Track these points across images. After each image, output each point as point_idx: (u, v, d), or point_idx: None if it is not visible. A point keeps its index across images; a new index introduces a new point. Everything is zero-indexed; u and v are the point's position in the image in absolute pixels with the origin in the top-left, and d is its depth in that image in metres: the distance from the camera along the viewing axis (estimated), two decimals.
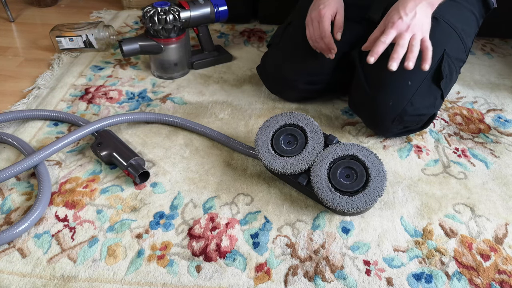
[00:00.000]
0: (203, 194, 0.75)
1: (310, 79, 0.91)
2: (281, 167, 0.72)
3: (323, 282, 0.61)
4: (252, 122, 0.93)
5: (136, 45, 1.00)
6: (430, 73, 0.79)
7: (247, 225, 0.69)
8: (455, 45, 0.83)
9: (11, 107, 0.96)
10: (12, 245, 0.65)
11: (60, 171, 0.78)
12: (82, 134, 0.79)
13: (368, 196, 0.66)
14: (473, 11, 0.86)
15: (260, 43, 1.26)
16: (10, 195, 0.73)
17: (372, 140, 0.88)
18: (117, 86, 1.03)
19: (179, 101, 0.99)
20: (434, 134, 0.90)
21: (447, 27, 0.81)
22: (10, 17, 1.37)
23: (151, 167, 0.80)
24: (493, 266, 0.64)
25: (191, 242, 0.66)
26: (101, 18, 1.41)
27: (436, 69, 0.80)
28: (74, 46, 1.16)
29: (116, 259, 0.63)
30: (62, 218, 0.69)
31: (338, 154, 0.70)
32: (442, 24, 0.81)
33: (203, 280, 0.61)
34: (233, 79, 1.08)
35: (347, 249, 0.66)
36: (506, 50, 1.25)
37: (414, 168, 0.81)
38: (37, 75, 1.07)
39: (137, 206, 0.72)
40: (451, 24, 0.82)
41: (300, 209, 0.73)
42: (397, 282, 0.61)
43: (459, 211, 0.73)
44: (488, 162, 0.83)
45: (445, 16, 0.81)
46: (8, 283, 0.59)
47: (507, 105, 1.00)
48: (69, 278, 0.61)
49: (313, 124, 0.74)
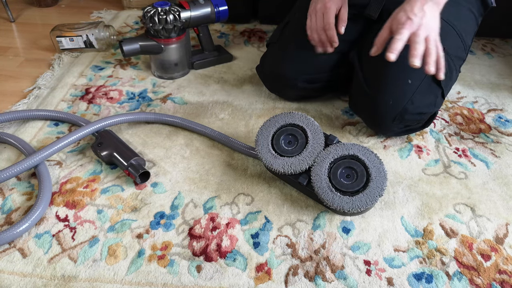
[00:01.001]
0: (204, 194, 0.75)
1: (309, 77, 0.91)
2: (281, 167, 0.72)
3: (324, 282, 0.61)
4: (252, 122, 0.93)
5: (137, 45, 1.00)
6: None
7: (248, 225, 0.69)
8: (455, 44, 0.83)
9: (11, 107, 0.96)
10: (12, 245, 0.65)
11: (60, 171, 0.78)
12: (83, 134, 0.79)
13: (369, 196, 0.66)
14: (472, 9, 0.86)
15: (260, 43, 1.26)
16: (10, 195, 0.73)
17: (373, 140, 0.88)
18: (118, 86, 1.03)
19: (179, 101, 0.99)
20: (434, 134, 0.90)
21: (446, 26, 0.81)
22: (10, 17, 1.37)
23: (152, 167, 0.80)
24: (494, 266, 0.64)
25: (191, 242, 0.66)
26: (101, 18, 1.41)
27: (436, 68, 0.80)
28: (75, 46, 1.16)
29: (116, 259, 0.63)
30: (62, 218, 0.69)
31: (338, 154, 0.70)
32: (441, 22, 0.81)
33: (203, 280, 0.61)
34: (234, 79, 1.08)
35: (347, 249, 0.66)
36: (506, 50, 1.25)
37: (414, 168, 0.81)
38: (38, 75, 1.08)
39: (137, 206, 0.72)
40: (450, 23, 0.82)
41: (301, 209, 0.73)
42: (398, 282, 0.61)
43: (460, 211, 0.73)
44: (489, 162, 0.83)
45: (443, 14, 0.81)
46: (8, 283, 0.60)
47: (508, 105, 1.00)
48: (70, 278, 0.61)
49: (313, 124, 0.74)
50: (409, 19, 0.69)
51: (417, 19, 0.69)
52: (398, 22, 0.71)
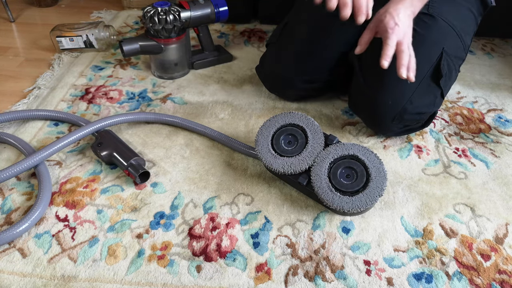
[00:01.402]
0: (204, 194, 0.75)
1: (308, 77, 0.91)
2: (281, 167, 0.72)
3: (324, 282, 0.61)
4: (252, 122, 0.93)
5: (137, 45, 1.00)
6: (429, 71, 0.80)
7: (248, 225, 0.69)
8: (454, 43, 0.83)
9: (11, 107, 0.96)
10: (12, 245, 0.65)
11: (60, 171, 0.78)
12: (83, 134, 0.79)
13: (369, 196, 0.66)
14: (471, 9, 0.86)
15: (260, 43, 1.26)
16: (10, 195, 0.73)
17: (373, 140, 0.88)
18: (118, 86, 1.03)
19: (179, 101, 0.99)
20: (434, 134, 0.90)
21: (445, 26, 0.81)
22: (10, 17, 1.37)
23: (152, 167, 0.80)
24: (494, 266, 0.64)
25: (191, 242, 0.66)
26: (101, 18, 1.41)
27: (435, 68, 0.80)
28: (75, 46, 1.16)
29: (116, 259, 0.63)
30: (62, 218, 0.69)
31: (338, 154, 0.70)
32: (440, 22, 0.81)
33: (203, 280, 0.61)
34: (234, 79, 1.08)
35: (347, 249, 0.66)
36: (506, 50, 1.25)
37: (414, 168, 0.81)
38: (38, 75, 1.08)
39: (137, 206, 0.72)
40: (449, 22, 0.82)
41: (301, 209, 0.73)
42: (398, 282, 0.61)
43: (460, 211, 0.73)
44: (489, 162, 0.83)
45: (443, 14, 0.81)
46: (8, 283, 0.60)
47: (508, 105, 1.00)
48: (70, 278, 0.61)
49: (313, 124, 0.74)
50: (397, 25, 0.71)
51: (403, 25, 0.71)
52: (386, 26, 0.72)
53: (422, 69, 0.78)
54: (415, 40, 0.78)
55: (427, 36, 0.80)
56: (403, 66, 0.71)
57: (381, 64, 0.71)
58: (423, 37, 0.80)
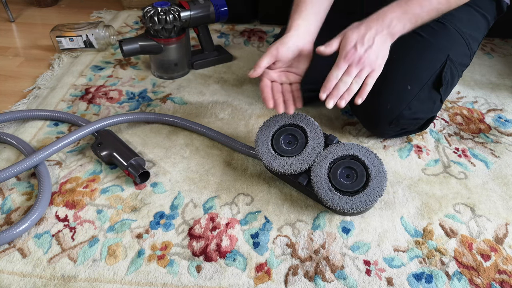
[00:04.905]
0: (203, 194, 0.75)
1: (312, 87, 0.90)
2: (281, 167, 0.72)
3: (323, 282, 0.61)
4: (252, 122, 0.93)
5: (136, 45, 1.00)
6: (431, 79, 0.79)
7: (247, 225, 0.69)
8: (460, 51, 0.82)
9: (11, 107, 0.96)
10: (12, 245, 0.65)
11: (60, 171, 0.78)
12: (83, 134, 0.79)
13: (368, 196, 0.66)
14: (486, 14, 0.85)
15: (260, 43, 1.26)
16: (10, 195, 0.73)
17: (372, 140, 0.88)
18: (118, 86, 1.03)
19: (179, 101, 0.99)
20: (434, 134, 0.90)
21: (454, 33, 0.80)
22: (10, 17, 1.37)
23: (151, 167, 0.80)
24: (494, 266, 0.64)
25: (191, 242, 0.66)
26: (101, 18, 1.41)
27: (438, 75, 0.79)
28: (75, 46, 1.16)
29: (116, 259, 0.63)
30: (62, 218, 0.69)
31: (338, 154, 0.70)
32: (449, 29, 0.80)
33: (203, 280, 0.61)
34: (233, 79, 1.08)
35: (347, 249, 0.66)
36: (506, 50, 1.25)
37: (414, 168, 0.81)
38: (37, 75, 1.08)
39: (137, 206, 0.72)
40: (459, 30, 0.81)
41: (300, 209, 0.73)
42: (397, 282, 0.61)
43: (460, 211, 0.73)
44: (489, 162, 0.83)
45: (453, 21, 0.80)
46: (8, 283, 0.60)
47: (508, 105, 1.00)
48: (70, 278, 0.61)
49: (313, 124, 0.74)
50: (354, 48, 0.66)
51: (362, 49, 0.66)
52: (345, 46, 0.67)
53: (424, 76, 0.78)
54: (419, 45, 0.77)
55: (432, 42, 0.79)
56: (332, 96, 0.66)
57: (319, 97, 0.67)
58: (428, 43, 0.79)
